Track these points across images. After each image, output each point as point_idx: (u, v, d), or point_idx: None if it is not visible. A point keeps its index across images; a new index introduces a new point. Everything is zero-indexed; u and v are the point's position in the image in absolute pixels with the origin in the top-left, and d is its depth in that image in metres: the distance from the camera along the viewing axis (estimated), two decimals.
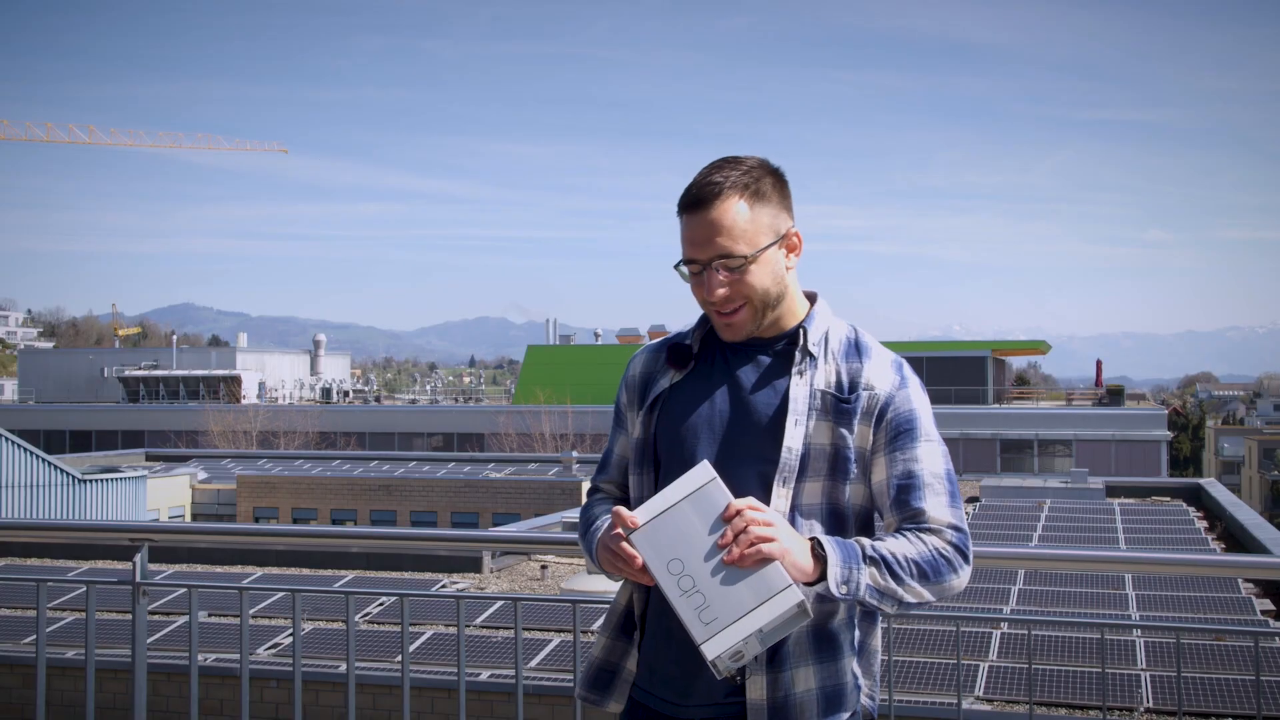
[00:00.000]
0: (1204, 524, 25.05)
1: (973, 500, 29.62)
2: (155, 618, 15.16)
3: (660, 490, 2.56)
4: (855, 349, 2.75)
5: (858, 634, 2.75)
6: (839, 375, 2.70)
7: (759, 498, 2.61)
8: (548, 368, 77.76)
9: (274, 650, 13.87)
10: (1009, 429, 55.53)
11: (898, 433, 2.67)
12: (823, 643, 2.67)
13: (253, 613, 15.53)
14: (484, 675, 13.08)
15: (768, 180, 2.73)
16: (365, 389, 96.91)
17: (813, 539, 2.52)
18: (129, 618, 4.62)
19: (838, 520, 2.68)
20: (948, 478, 2.68)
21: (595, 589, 16.29)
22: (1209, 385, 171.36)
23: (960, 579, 2.62)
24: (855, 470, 2.68)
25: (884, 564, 2.53)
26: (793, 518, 2.62)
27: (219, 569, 20.26)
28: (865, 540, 2.57)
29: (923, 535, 2.60)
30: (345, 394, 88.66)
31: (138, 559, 4.71)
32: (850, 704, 2.70)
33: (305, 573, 19.18)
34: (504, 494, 34.76)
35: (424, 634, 14.27)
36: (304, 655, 13.17)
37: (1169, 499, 30.91)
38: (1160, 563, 4.84)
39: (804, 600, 2.42)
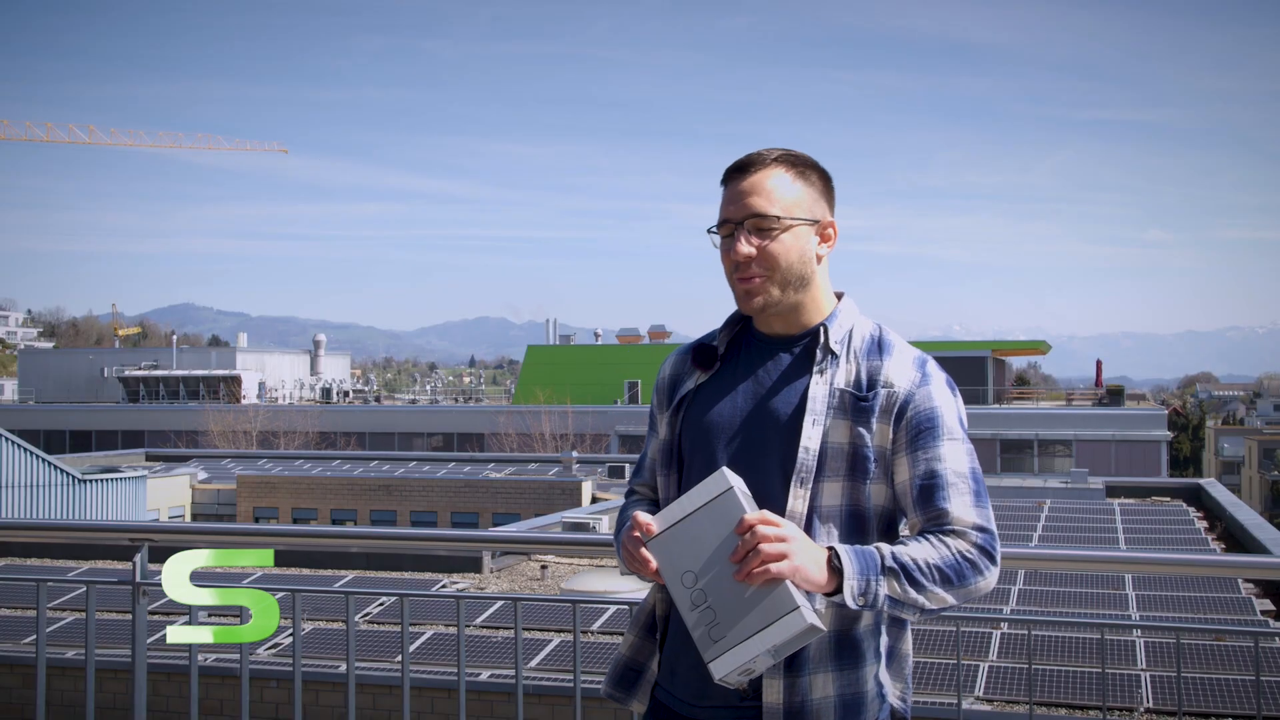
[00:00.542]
0: (1204, 524, 25.05)
1: None
2: (155, 618, 15.12)
3: (681, 495, 2.55)
4: (877, 346, 2.74)
5: (885, 640, 2.73)
6: (859, 373, 2.69)
7: (780, 497, 2.61)
8: (548, 368, 77.80)
9: (274, 650, 13.87)
10: (1009, 429, 55.50)
11: (919, 431, 2.65)
12: (844, 649, 2.65)
13: None
14: (484, 675, 13.08)
15: (815, 172, 2.79)
16: (365, 389, 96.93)
17: (830, 549, 2.49)
18: (129, 618, 4.63)
19: (859, 522, 2.66)
20: (973, 476, 2.65)
21: (595, 589, 16.30)
22: (1209, 385, 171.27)
23: (987, 581, 2.58)
24: (875, 470, 2.65)
25: (904, 572, 2.50)
26: (811, 519, 2.61)
27: (219, 569, 20.23)
28: (885, 548, 2.53)
29: (945, 538, 2.57)
30: (345, 394, 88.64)
31: (138, 559, 4.72)
32: (870, 713, 2.67)
33: (305, 572, 19.16)
34: (504, 494, 34.76)
35: (424, 634, 14.27)
36: (304, 655, 13.17)
37: (1169, 499, 30.89)
38: (1160, 563, 4.84)
39: (813, 623, 2.40)
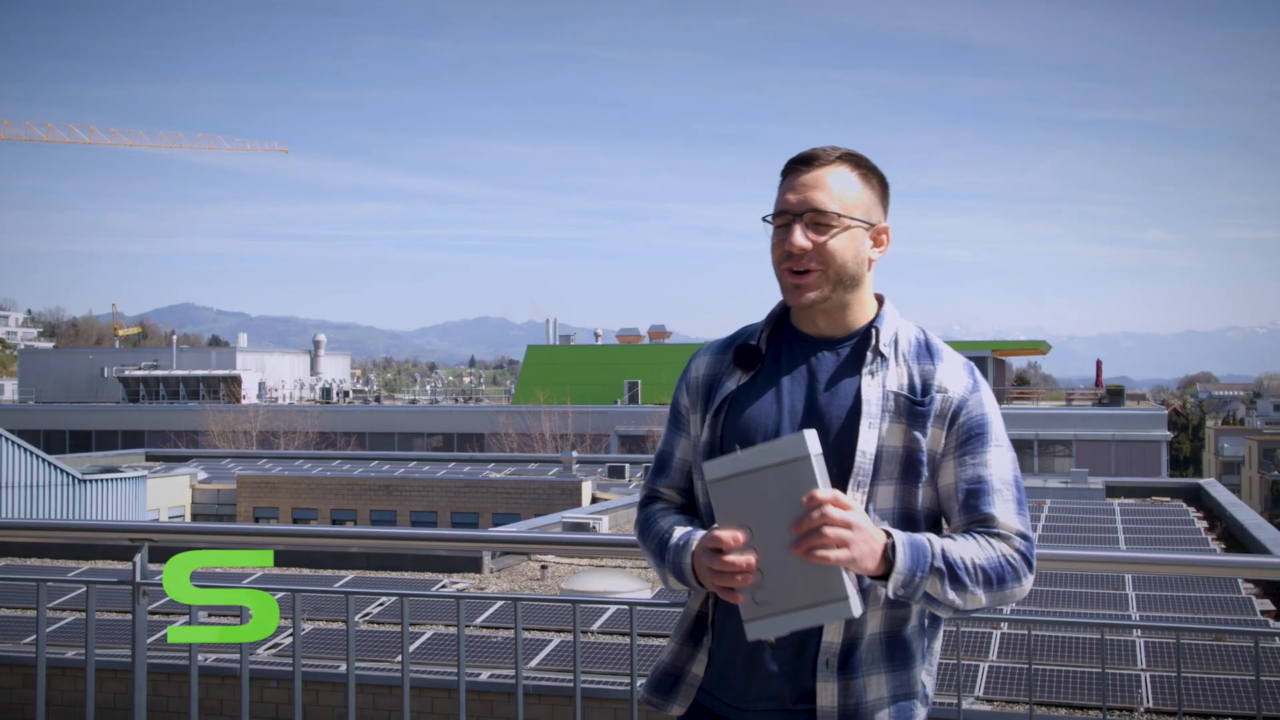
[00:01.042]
0: (1204, 524, 25.05)
1: None
2: (155, 618, 15.12)
3: (751, 450, 2.49)
4: (927, 350, 2.74)
5: (927, 639, 2.74)
6: (911, 377, 2.69)
7: None
8: (548, 368, 77.92)
9: (274, 650, 13.87)
10: (1009, 429, 54.88)
11: (969, 436, 2.67)
12: (896, 650, 2.66)
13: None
14: (484, 675, 13.08)
15: (876, 176, 2.79)
16: (365, 389, 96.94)
17: (889, 538, 2.47)
18: (129, 618, 4.63)
19: (910, 524, 2.65)
20: (1016, 484, 2.66)
21: (595, 589, 16.29)
22: (1209, 385, 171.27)
23: (1023, 588, 2.59)
24: (926, 473, 2.65)
25: (950, 571, 2.50)
26: None
27: (219, 569, 20.24)
28: (938, 543, 2.53)
29: (992, 540, 2.58)
30: (345, 394, 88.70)
31: (138, 559, 4.72)
32: (919, 713, 2.69)
33: (305, 572, 19.15)
34: (504, 494, 34.76)
35: (424, 634, 14.26)
36: (304, 655, 13.16)
37: (1169, 499, 30.89)
38: (1160, 563, 4.84)
39: (859, 613, 2.41)
